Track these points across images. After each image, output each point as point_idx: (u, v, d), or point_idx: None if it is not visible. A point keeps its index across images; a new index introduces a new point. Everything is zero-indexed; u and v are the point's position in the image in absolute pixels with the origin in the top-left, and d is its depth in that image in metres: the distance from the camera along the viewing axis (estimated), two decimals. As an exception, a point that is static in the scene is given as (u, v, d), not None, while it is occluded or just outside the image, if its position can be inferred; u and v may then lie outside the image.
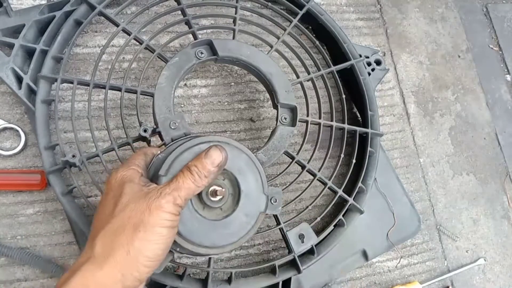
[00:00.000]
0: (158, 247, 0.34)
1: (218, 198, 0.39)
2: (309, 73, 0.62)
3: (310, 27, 0.71)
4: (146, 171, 0.40)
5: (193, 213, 0.38)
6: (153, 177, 0.40)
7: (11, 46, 0.53)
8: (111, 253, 0.33)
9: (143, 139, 0.50)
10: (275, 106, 0.58)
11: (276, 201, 0.42)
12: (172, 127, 0.45)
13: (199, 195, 0.39)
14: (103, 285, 0.33)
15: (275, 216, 0.55)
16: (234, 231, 0.40)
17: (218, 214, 0.40)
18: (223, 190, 0.39)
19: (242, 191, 0.40)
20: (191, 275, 0.55)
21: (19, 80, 0.53)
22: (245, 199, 0.40)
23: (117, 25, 0.57)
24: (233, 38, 0.59)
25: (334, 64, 0.65)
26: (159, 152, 0.42)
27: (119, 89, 0.53)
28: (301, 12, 0.66)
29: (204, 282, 0.51)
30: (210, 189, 0.39)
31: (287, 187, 0.57)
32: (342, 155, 0.61)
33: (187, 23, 0.59)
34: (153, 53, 0.56)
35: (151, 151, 0.42)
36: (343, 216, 0.59)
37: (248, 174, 0.41)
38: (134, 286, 0.34)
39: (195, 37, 0.58)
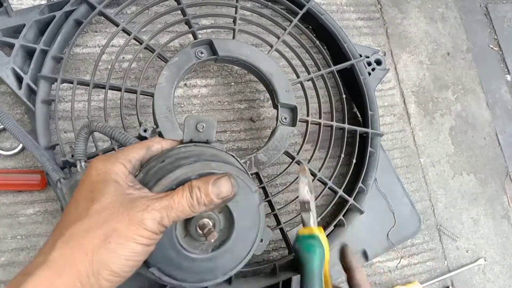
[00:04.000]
0: (126, 263, 0.30)
1: (205, 231, 0.34)
2: (309, 73, 0.62)
3: (310, 27, 0.71)
4: (139, 168, 0.36)
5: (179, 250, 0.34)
6: (146, 177, 0.35)
7: (11, 46, 0.53)
8: (72, 260, 0.29)
9: (143, 139, 0.50)
10: (275, 106, 0.58)
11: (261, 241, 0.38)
12: (199, 129, 0.39)
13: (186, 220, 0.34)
14: None
15: (275, 216, 0.55)
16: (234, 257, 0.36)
17: (203, 249, 0.35)
18: (215, 234, 0.33)
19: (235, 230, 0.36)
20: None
21: (19, 80, 0.53)
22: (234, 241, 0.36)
23: (117, 25, 0.57)
24: (233, 38, 0.59)
25: (334, 64, 0.65)
26: (169, 149, 0.37)
27: (119, 89, 0.53)
28: (301, 12, 0.66)
29: (204, 282, 0.51)
30: (199, 222, 0.34)
31: (287, 187, 0.57)
32: (342, 155, 0.61)
33: (187, 22, 0.59)
34: (153, 53, 0.56)
35: (160, 145, 0.38)
36: (343, 216, 0.59)
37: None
38: None
39: (195, 37, 0.58)
